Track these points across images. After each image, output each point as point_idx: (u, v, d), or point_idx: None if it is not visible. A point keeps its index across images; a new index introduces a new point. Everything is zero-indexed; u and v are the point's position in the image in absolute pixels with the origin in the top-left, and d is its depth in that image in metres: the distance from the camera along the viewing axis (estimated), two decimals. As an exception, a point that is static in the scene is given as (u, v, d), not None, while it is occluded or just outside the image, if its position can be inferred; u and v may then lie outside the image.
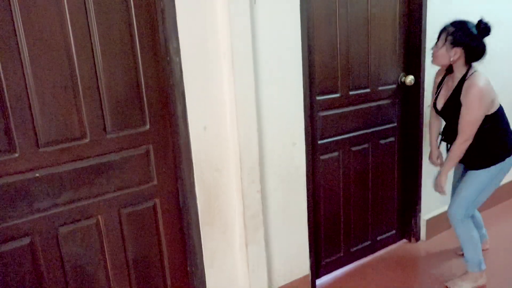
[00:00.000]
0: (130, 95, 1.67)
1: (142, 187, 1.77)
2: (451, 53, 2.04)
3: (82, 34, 1.53)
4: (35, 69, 1.46)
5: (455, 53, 2.04)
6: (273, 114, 1.97)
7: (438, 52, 2.08)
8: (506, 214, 3.21)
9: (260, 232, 1.99)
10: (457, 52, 2.03)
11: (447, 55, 2.05)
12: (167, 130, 1.79)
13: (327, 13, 2.17)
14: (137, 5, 1.63)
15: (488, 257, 2.55)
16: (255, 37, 1.82)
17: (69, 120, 1.56)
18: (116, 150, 1.67)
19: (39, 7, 1.44)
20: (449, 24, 2.06)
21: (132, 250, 1.79)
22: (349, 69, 2.32)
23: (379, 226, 2.72)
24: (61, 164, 1.56)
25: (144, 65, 1.68)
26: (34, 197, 1.53)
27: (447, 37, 2.04)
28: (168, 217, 1.87)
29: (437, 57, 2.10)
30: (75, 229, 1.64)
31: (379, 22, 2.39)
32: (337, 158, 2.40)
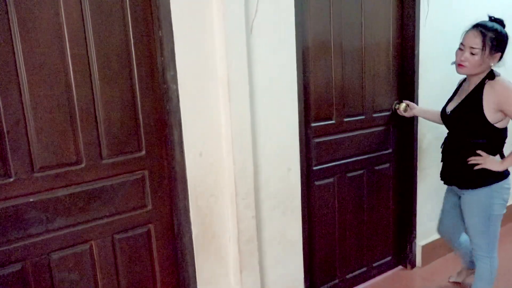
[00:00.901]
0: (127, 121, 1.69)
1: (136, 212, 1.77)
2: (493, 59, 1.89)
3: (80, 61, 1.56)
4: (33, 94, 1.48)
5: (495, 58, 1.90)
6: (268, 140, 1.99)
7: (474, 59, 1.88)
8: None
9: (254, 258, 1.97)
10: (497, 57, 1.90)
11: (487, 62, 1.88)
12: (163, 156, 1.80)
13: (322, 42, 2.22)
14: (136, 34, 1.66)
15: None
16: (251, 65, 1.85)
17: (65, 145, 1.57)
18: (111, 175, 1.68)
19: (38, 34, 1.47)
20: (485, 28, 1.87)
21: (125, 276, 1.77)
22: (344, 96, 2.36)
23: (374, 252, 2.71)
24: (55, 189, 1.56)
25: (142, 92, 1.70)
26: (27, 223, 1.52)
27: (487, 43, 1.85)
28: (162, 242, 1.86)
29: (472, 65, 1.90)
30: (67, 255, 1.62)
31: (373, 51, 2.45)
32: (332, 184, 2.41)
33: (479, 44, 1.86)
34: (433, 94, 2.67)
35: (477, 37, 1.86)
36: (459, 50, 1.95)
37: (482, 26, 1.88)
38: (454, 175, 2.09)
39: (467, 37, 1.90)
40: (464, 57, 1.90)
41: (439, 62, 2.68)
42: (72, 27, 1.52)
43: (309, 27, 2.15)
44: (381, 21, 2.46)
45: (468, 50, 1.89)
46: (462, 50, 1.92)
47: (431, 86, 2.65)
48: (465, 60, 1.90)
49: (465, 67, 1.91)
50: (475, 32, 1.87)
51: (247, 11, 1.79)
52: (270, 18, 1.89)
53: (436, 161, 2.79)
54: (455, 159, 2.06)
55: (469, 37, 1.89)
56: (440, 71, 2.70)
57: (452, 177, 2.11)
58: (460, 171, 2.04)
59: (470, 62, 1.89)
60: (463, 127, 2.00)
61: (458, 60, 1.94)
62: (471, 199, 2.05)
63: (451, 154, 2.09)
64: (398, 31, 2.54)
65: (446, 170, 2.14)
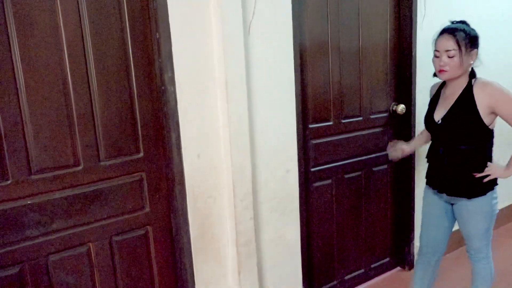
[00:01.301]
0: (125, 123, 1.69)
1: (134, 214, 1.76)
2: (471, 57, 1.86)
3: (78, 63, 1.56)
4: (31, 96, 1.48)
5: (473, 55, 1.86)
6: (266, 142, 1.99)
7: (454, 61, 1.84)
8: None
9: (253, 260, 1.97)
10: (474, 54, 1.86)
11: (466, 61, 1.84)
12: (161, 158, 1.80)
13: (319, 43, 2.22)
14: (134, 36, 1.66)
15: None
16: (249, 66, 1.86)
17: (63, 147, 1.56)
18: (109, 177, 1.68)
19: (36, 36, 1.47)
20: (453, 30, 1.85)
21: (124, 278, 1.77)
22: (342, 98, 2.36)
23: (372, 253, 2.71)
24: (53, 191, 1.56)
25: (139, 93, 1.70)
26: (25, 225, 1.52)
27: (461, 42, 1.82)
28: (160, 244, 1.86)
29: (453, 68, 1.85)
30: (65, 257, 1.62)
31: (370, 52, 2.45)
32: (330, 186, 2.41)
33: (454, 45, 1.82)
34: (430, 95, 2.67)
35: (449, 40, 1.83)
36: (435, 58, 1.90)
37: (450, 29, 1.86)
38: (452, 185, 1.99)
39: (440, 42, 1.87)
40: (443, 62, 1.85)
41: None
42: (70, 29, 1.52)
43: (306, 28, 2.16)
44: (378, 22, 2.47)
45: (445, 54, 1.84)
46: (438, 57, 1.88)
47: (428, 87, 2.66)
48: (445, 64, 1.85)
49: (447, 72, 1.86)
50: (445, 36, 1.85)
51: (244, 12, 1.79)
52: (267, 20, 1.89)
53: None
54: (451, 168, 1.96)
55: (442, 42, 1.86)
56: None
57: (451, 186, 2.00)
58: (461, 180, 1.96)
59: (450, 66, 1.84)
60: (457, 134, 1.91)
61: (437, 66, 1.89)
62: (474, 207, 1.97)
63: (446, 163, 1.97)
64: (395, 32, 2.55)
65: (441, 180, 2.03)
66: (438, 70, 1.89)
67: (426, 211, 2.17)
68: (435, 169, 2.06)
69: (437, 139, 2.01)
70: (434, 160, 2.05)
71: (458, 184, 1.97)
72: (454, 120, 1.89)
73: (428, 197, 2.15)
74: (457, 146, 1.92)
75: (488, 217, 2.00)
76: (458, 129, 1.89)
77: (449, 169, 1.96)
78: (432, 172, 2.09)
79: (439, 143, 2.00)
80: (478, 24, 2.91)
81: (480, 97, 1.84)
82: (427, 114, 2.06)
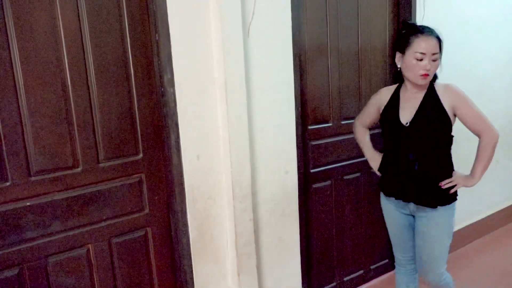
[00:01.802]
0: (124, 125, 1.69)
1: (133, 216, 1.76)
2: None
3: (77, 65, 1.56)
4: (30, 98, 1.48)
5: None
6: (265, 143, 1.99)
7: (435, 65, 1.76)
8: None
9: (252, 261, 1.97)
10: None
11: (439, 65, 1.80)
12: (160, 159, 1.80)
13: (319, 45, 2.23)
14: (133, 37, 1.66)
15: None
16: (248, 68, 1.86)
17: (62, 149, 1.56)
18: (108, 179, 1.68)
19: (35, 38, 1.47)
20: (434, 32, 1.77)
21: (123, 280, 1.77)
22: (341, 99, 2.37)
23: (372, 255, 2.71)
24: (52, 193, 1.56)
25: (139, 95, 1.70)
26: (24, 227, 1.52)
27: (441, 44, 1.77)
28: (160, 246, 1.86)
29: (432, 73, 1.78)
30: (65, 259, 1.62)
31: (369, 53, 2.45)
32: (329, 187, 2.41)
33: (438, 48, 1.74)
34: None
35: (436, 42, 1.74)
36: (416, 60, 1.74)
37: (430, 30, 1.76)
38: (422, 193, 1.83)
39: (426, 44, 1.72)
40: (430, 66, 1.73)
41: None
42: (69, 30, 1.53)
43: (306, 30, 2.16)
44: (378, 23, 2.47)
45: (430, 58, 1.73)
46: (420, 60, 1.73)
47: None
48: (430, 68, 1.73)
49: (429, 76, 1.75)
50: (432, 38, 1.74)
51: (244, 14, 1.80)
52: (267, 21, 1.89)
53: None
54: (423, 174, 1.81)
55: (429, 44, 1.72)
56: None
57: (420, 194, 1.84)
58: (432, 187, 1.82)
59: (433, 69, 1.76)
60: (428, 136, 1.78)
61: (420, 70, 1.73)
62: (440, 218, 1.85)
63: (418, 169, 1.81)
64: (394, 33, 2.55)
65: (409, 188, 1.85)
66: (421, 74, 1.74)
67: (391, 223, 2.04)
68: (400, 177, 1.87)
69: (403, 144, 1.83)
70: (399, 167, 1.86)
71: (429, 192, 1.82)
72: (425, 122, 1.78)
73: (389, 211, 2.01)
74: (427, 150, 1.80)
75: (451, 232, 1.90)
76: (429, 131, 1.78)
77: (421, 175, 1.81)
78: (395, 181, 1.91)
79: (406, 148, 1.82)
80: (478, 24, 2.94)
81: (444, 97, 1.78)
82: (389, 118, 1.87)
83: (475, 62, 2.99)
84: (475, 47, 2.97)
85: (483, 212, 3.31)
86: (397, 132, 1.84)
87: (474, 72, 2.99)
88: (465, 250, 3.08)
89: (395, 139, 1.86)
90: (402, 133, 1.82)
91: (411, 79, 1.79)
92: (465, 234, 3.13)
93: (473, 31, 2.93)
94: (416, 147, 1.81)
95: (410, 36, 1.76)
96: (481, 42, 3.00)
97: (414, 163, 1.81)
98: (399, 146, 1.85)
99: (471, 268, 2.80)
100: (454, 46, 2.79)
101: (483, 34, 3.01)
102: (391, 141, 1.89)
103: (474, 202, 3.20)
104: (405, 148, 1.83)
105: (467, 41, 2.90)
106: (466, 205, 3.12)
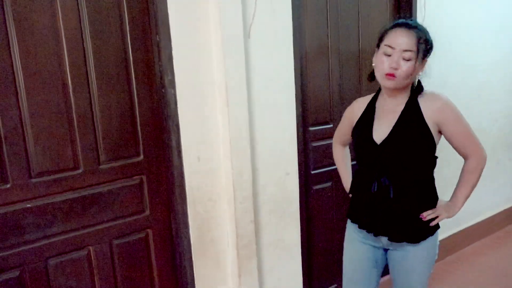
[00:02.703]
0: (125, 126, 1.69)
1: (134, 217, 1.76)
2: (422, 67, 1.49)
3: (78, 66, 1.56)
4: (30, 99, 1.48)
5: (423, 66, 1.49)
6: (266, 144, 1.98)
7: (407, 66, 1.42)
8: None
9: (253, 263, 1.97)
10: (424, 65, 1.50)
11: (417, 71, 1.46)
12: (161, 161, 1.79)
13: (319, 46, 2.22)
14: (134, 39, 1.66)
15: None
16: (249, 69, 1.85)
17: (63, 151, 1.56)
18: (109, 180, 1.67)
19: (36, 39, 1.47)
20: (417, 27, 1.45)
21: (124, 282, 1.76)
22: (342, 100, 2.36)
23: (373, 256, 2.70)
24: (53, 194, 1.56)
25: (139, 96, 1.70)
26: (24, 228, 1.51)
27: (421, 46, 1.43)
28: (160, 247, 1.85)
29: (403, 75, 1.43)
30: (65, 261, 1.61)
31: (371, 54, 2.44)
32: (330, 188, 2.41)
33: (413, 45, 1.40)
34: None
35: (410, 37, 1.41)
36: (384, 55, 1.45)
37: (411, 24, 1.45)
38: (397, 226, 1.52)
39: (396, 38, 1.41)
40: (396, 63, 1.40)
41: (435, 67, 2.67)
42: (70, 32, 1.52)
43: (306, 31, 2.16)
44: (378, 25, 2.46)
45: (399, 54, 1.41)
46: (389, 55, 1.43)
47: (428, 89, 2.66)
48: (397, 67, 1.41)
49: (395, 78, 1.42)
50: (405, 31, 1.41)
51: (244, 16, 1.79)
52: (267, 23, 1.89)
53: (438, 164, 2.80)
54: (400, 203, 1.51)
55: (400, 38, 1.41)
56: (436, 75, 2.70)
57: (395, 228, 1.53)
58: (410, 219, 1.52)
59: (402, 71, 1.41)
60: (405, 158, 1.48)
61: (386, 67, 1.43)
62: (422, 252, 1.56)
63: (393, 197, 1.50)
64: (395, 35, 2.55)
65: (381, 219, 1.53)
66: (386, 73, 1.44)
67: (352, 257, 1.69)
68: (371, 205, 1.55)
69: (374, 166, 1.53)
70: (370, 193, 1.54)
71: (406, 225, 1.52)
72: (401, 140, 1.48)
73: (354, 243, 1.67)
74: (404, 175, 1.49)
75: (433, 263, 1.61)
76: (407, 152, 1.48)
77: (396, 204, 1.50)
78: (363, 209, 1.59)
79: (379, 171, 1.51)
80: (478, 26, 2.94)
81: (428, 111, 1.47)
82: (361, 134, 1.57)
83: (476, 61, 2.99)
84: (476, 46, 2.97)
85: (483, 214, 3.30)
86: (368, 151, 1.54)
87: (475, 71, 2.99)
88: (465, 251, 3.08)
89: (366, 158, 1.55)
90: (374, 153, 1.51)
91: (379, 80, 1.50)
92: (466, 235, 3.13)
93: (474, 30, 2.93)
94: (391, 170, 1.50)
95: (387, 29, 1.48)
96: (482, 42, 3.00)
97: (388, 189, 1.50)
98: (371, 168, 1.54)
99: (472, 270, 2.80)
100: (455, 45, 2.79)
101: (484, 33, 3.01)
102: (362, 160, 1.58)
103: (475, 204, 3.20)
104: (377, 170, 1.51)
105: (468, 41, 2.90)
106: (467, 207, 3.12)
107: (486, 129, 3.12)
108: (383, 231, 1.55)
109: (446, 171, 2.89)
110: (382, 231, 1.55)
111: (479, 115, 3.05)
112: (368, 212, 1.56)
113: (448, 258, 2.96)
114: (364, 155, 1.57)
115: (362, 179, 1.59)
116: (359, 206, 1.61)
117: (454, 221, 3.03)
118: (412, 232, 1.53)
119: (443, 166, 2.84)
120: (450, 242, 3.00)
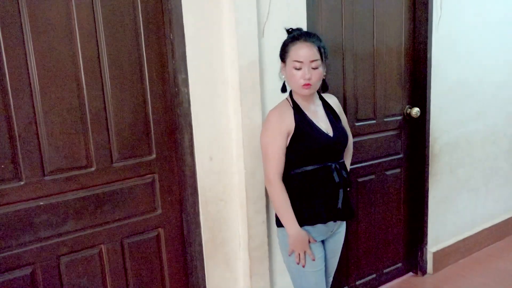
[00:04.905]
0: (138, 125, 1.68)
1: (146, 216, 1.75)
2: (325, 68, 1.65)
3: (92, 65, 1.55)
4: (44, 97, 1.48)
5: (325, 67, 1.66)
6: (279, 145, 1.96)
7: (318, 73, 1.59)
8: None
9: (265, 264, 1.95)
10: (326, 65, 1.67)
11: (323, 73, 1.64)
12: (173, 160, 1.79)
13: (333, 46, 2.20)
14: (147, 37, 1.66)
15: None
16: (263, 69, 1.84)
17: (76, 149, 1.56)
18: (121, 179, 1.67)
19: (50, 37, 1.47)
20: (312, 37, 1.61)
21: (135, 281, 1.76)
22: (355, 101, 2.33)
23: (385, 258, 2.67)
24: (66, 192, 1.56)
25: (152, 95, 1.69)
26: (37, 226, 1.52)
27: (322, 52, 1.60)
28: (172, 247, 1.84)
29: (317, 81, 1.61)
30: (77, 259, 1.61)
31: (384, 55, 2.42)
32: (342, 189, 2.38)
33: (317, 54, 1.58)
34: (445, 98, 2.64)
35: (313, 48, 1.57)
36: (293, 69, 1.59)
37: (308, 36, 1.61)
38: (347, 205, 1.74)
39: (302, 52, 1.57)
40: (309, 74, 1.57)
41: (451, 66, 2.65)
42: (84, 30, 1.52)
43: (321, 30, 2.13)
44: (393, 25, 2.43)
45: (308, 65, 1.57)
46: (298, 69, 1.58)
47: (443, 90, 2.62)
48: (311, 77, 1.57)
49: (311, 85, 1.59)
50: (307, 44, 1.58)
51: (259, 15, 1.78)
52: (282, 21, 1.87)
53: (449, 166, 2.77)
54: (346, 182, 1.72)
55: (305, 51, 1.57)
56: (452, 75, 2.67)
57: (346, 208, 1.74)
58: (349, 200, 1.78)
59: (315, 78, 1.59)
60: (345, 143, 1.73)
61: (301, 80, 1.58)
62: (346, 227, 1.86)
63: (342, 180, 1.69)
64: (410, 35, 2.52)
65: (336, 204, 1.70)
66: (303, 84, 1.59)
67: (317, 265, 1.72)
68: (336, 193, 1.70)
69: (330, 156, 1.68)
70: (333, 183, 1.68)
71: (350, 201, 1.77)
72: (341, 129, 1.72)
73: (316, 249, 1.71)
74: (341, 157, 1.74)
75: None
76: (344, 138, 1.72)
77: (347, 184, 1.73)
78: (331, 201, 1.69)
79: (332, 159, 1.69)
80: (495, 25, 2.88)
81: (335, 106, 1.78)
82: (311, 135, 1.64)
83: (493, 61, 2.93)
84: (493, 46, 2.91)
85: (498, 216, 3.25)
86: (326, 145, 1.66)
87: (492, 72, 2.93)
88: (479, 254, 3.02)
89: (322, 154, 1.67)
90: (331, 146, 1.67)
91: (295, 90, 1.65)
92: (480, 238, 3.07)
93: (491, 30, 2.87)
94: (337, 159, 1.71)
95: (288, 44, 1.62)
96: (499, 42, 2.94)
97: (340, 172, 1.69)
98: (327, 160, 1.68)
99: (485, 273, 2.76)
100: (472, 45, 2.74)
101: (501, 33, 2.95)
102: (316, 158, 1.67)
103: (490, 206, 3.15)
104: (332, 159, 1.68)
105: (485, 41, 2.85)
106: (481, 209, 3.08)
107: (502, 130, 3.07)
108: (339, 216, 1.72)
109: (461, 171, 2.86)
110: (338, 216, 1.72)
111: (495, 116, 3.00)
112: (335, 201, 1.70)
113: (461, 261, 2.91)
114: (320, 152, 1.66)
115: (318, 176, 1.67)
116: (325, 201, 1.69)
117: (468, 224, 2.99)
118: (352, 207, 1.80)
119: (458, 166, 2.82)
120: (464, 245, 2.96)
